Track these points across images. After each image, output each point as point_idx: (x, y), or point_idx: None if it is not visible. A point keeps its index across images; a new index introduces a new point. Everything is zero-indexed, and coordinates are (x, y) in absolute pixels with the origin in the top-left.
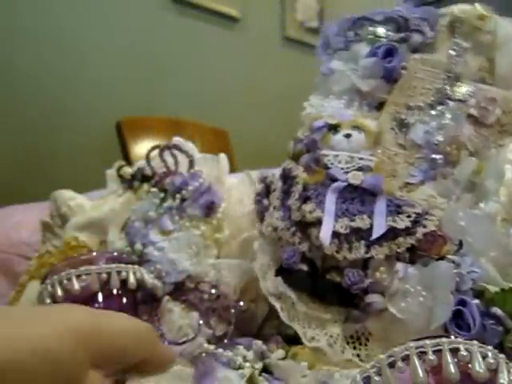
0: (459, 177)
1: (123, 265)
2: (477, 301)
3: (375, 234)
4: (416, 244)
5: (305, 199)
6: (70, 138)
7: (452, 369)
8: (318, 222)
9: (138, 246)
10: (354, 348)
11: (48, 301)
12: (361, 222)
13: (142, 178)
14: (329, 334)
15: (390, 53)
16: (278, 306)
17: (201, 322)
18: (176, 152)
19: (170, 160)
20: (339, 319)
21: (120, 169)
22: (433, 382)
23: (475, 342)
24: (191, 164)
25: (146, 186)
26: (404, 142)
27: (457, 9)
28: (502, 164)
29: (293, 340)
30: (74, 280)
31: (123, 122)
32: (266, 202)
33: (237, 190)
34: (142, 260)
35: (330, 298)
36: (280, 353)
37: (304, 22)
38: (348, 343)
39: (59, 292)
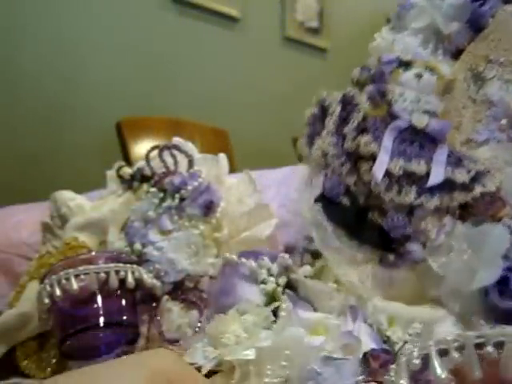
0: None
1: (121, 264)
2: None
3: (430, 182)
4: (471, 202)
5: (362, 130)
6: (70, 138)
7: None
8: (372, 157)
9: (138, 246)
10: None
11: (47, 301)
12: (416, 167)
13: (142, 178)
14: (360, 271)
15: None
16: (313, 233)
17: (201, 318)
18: (175, 152)
19: (169, 160)
20: (371, 260)
21: (119, 169)
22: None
23: None
24: (190, 164)
25: (145, 186)
26: (476, 96)
27: None
28: None
29: None
30: (73, 280)
31: (123, 122)
32: (318, 125)
33: (236, 190)
34: (141, 260)
35: (367, 237)
36: (307, 269)
37: (304, 22)
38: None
39: (58, 292)
